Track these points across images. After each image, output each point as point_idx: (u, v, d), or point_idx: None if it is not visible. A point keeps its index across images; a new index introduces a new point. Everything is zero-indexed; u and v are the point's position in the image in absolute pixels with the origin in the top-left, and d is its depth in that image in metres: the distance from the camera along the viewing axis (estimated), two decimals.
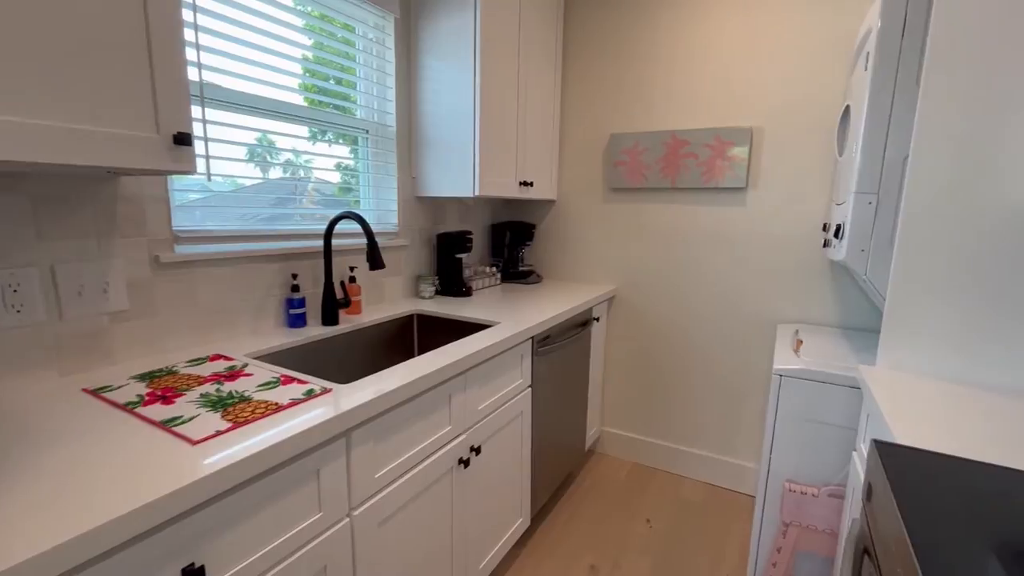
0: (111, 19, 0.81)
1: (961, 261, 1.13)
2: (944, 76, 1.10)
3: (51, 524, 0.59)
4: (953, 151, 1.11)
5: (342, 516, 0.98)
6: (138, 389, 0.99)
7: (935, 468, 0.76)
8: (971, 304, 1.14)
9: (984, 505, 0.67)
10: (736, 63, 2.04)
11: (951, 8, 1.09)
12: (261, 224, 1.51)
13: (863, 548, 0.80)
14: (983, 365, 1.14)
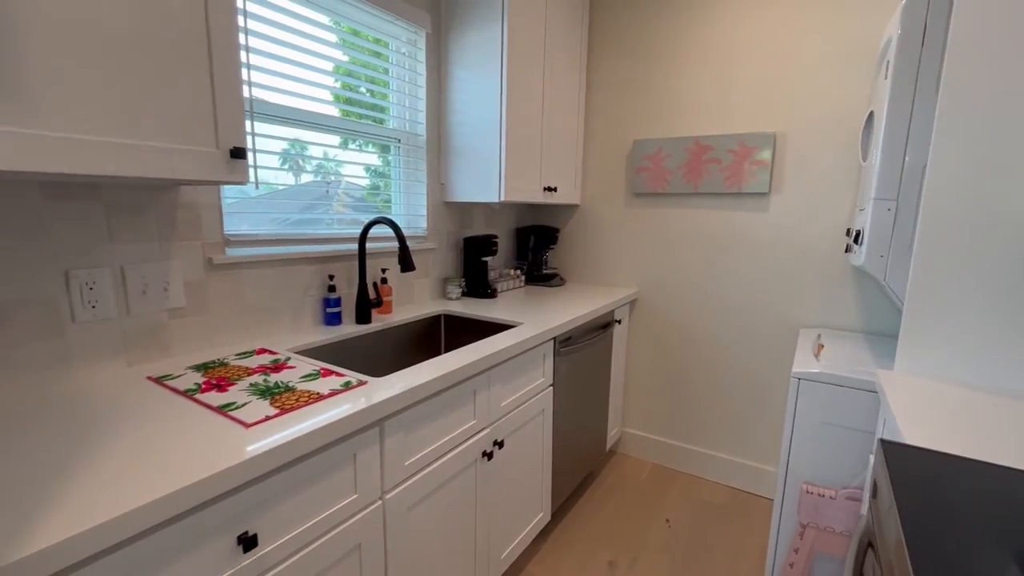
0: (183, 56, 0.92)
1: (979, 268, 1.15)
2: (963, 84, 1.12)
3: (134, 489, 0.69)
4: (972, 159, 1.13)
5: (375, 499, 1.07)
6: (195, 378, 1.10)
7: (939, 467, 0.79)
8: (989, 310, 1.15)
9: (985, 503, 0.70)
10: (760, 69, 2.06)
11: (970, 17, 1.10)
12: (300, 228, 1.61)
13: (867, 542, 0.84)
14: (1002, 371, 1.15)
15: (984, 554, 0.59)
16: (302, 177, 1.64)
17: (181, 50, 0.92)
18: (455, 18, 1.95)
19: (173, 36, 0.91)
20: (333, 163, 1.71)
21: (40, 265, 1.02)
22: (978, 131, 1.12)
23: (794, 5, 1.96)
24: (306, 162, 1.64)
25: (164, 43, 0.89)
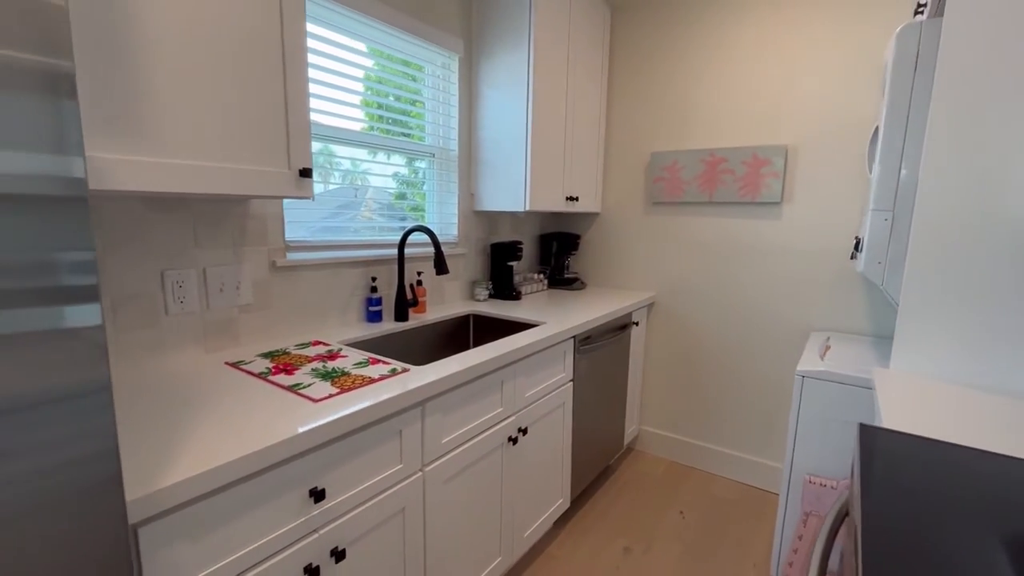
0: (267, 99, 1.11)
1: (967, 274, 1.25)
2: (950, 104, 1.23)
3: (234, 445, 0.86)
4: (958, 173, 1.24)
5: (416, 470, 1.23)
6: (265, 364, 1.29)
7: (909, 447, 0.91)
8: (977, 313, 1.25)
9: (946, 477, 0.82)
10: (773, 84, 2.18)
11: (957, 44, 1.22)
12: (342, 236, 1.80)
13: (844, 512, 0.96)
14: (988, 369, 1.25)
15: (935, 523, 0.72)
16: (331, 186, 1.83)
17: (265, 95, 1.11)
18: (485, 43, 2.12)
19: (260, 84, 1.10)
20: (364, 174, 1.90)
21: (142, 265, 1.22)
22: (964, 147, 1.23)
23: (804, 24, 2.08)
24: (357, 176, 1.83)
25: (252, 90, 1.09)
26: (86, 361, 0.58)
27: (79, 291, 0.57)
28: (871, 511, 0.72)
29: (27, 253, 0.53)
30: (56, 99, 0.54)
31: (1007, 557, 0.61)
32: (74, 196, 0.55)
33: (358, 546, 1.10)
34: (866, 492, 0.77)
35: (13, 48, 0.51)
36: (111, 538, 0.64)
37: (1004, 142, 1.18)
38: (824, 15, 2.03)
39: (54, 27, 0.53)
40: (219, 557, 0.84)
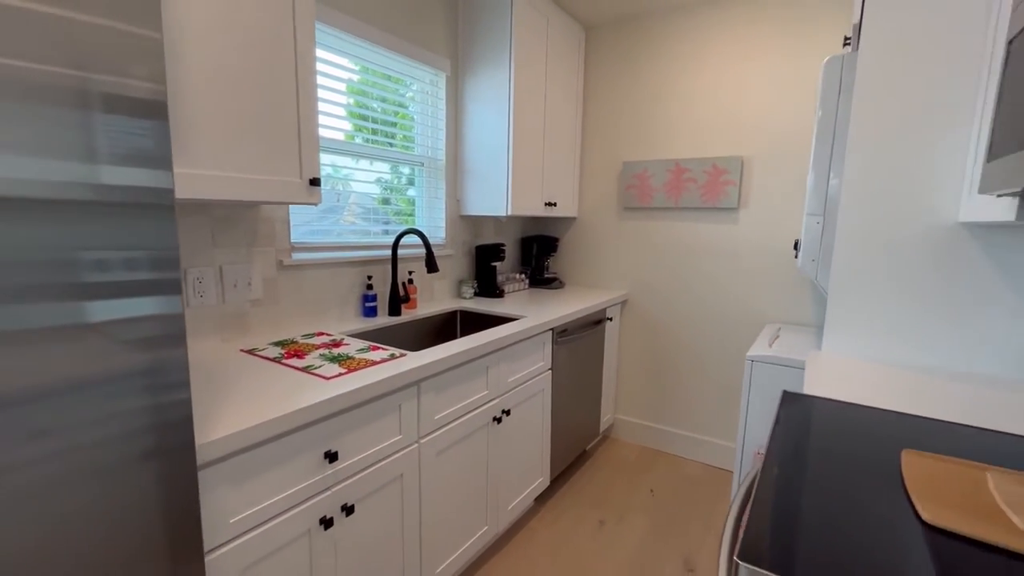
0: (283, 118, 1.29)
1: (883, 268, 1.48)
2: (864, 126, 1.46)
3: (262, 412, 1.03)
4: (874, 182, 1.47)
5: (413, 441, 1.41)
6: (277, 351, 1.45)
7: (818, 407, 1.13)
8: (892, 302, 1.48)
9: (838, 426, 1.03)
10: (730, 101, 2.42)
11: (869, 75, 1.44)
12: (345, 237, 1.97)
13: None
14: (900, 349, 1.48)
15: (818, 461, 0.93)
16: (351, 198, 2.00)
17: (281, 118, 1.29)
18: (470, 62, 2.32)
19: (277, 109, 1.27)
20: (347, 179, 2.07)
21: None
22: (877, 160, 1.46)
23: (757, 49, 2.32)
24: (339, 181, 2.00)
25: (271, 114, 1.26)
26: (173, 341, 0.76)
27: (168, 284, 0.74)
28: (775, 449, 0.93)
29: (133, 251, 0.70)
30: (155, 120, 0.71)
31: (881, 483, 0.83)
32: (165, 204, 0.72)
33: (364, 504, 1.27)
34: (773, 437, 0.98)
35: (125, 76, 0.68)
36: (187, 478, 0.81)
37: (910, 156, 1.41)
38: (774, 43, 2.28)
39: (153, 58, 0.70)
40: (254, 503, 1.01)
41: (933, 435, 0.97)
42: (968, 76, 1.31)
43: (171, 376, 0.77)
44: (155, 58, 0.70)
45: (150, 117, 0.70)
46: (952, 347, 1.40)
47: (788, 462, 0.87)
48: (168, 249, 0.74)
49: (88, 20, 0.64)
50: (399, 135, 2.18)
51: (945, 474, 0.80)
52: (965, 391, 1.24)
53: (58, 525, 0.67)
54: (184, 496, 0.81)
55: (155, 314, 0.74)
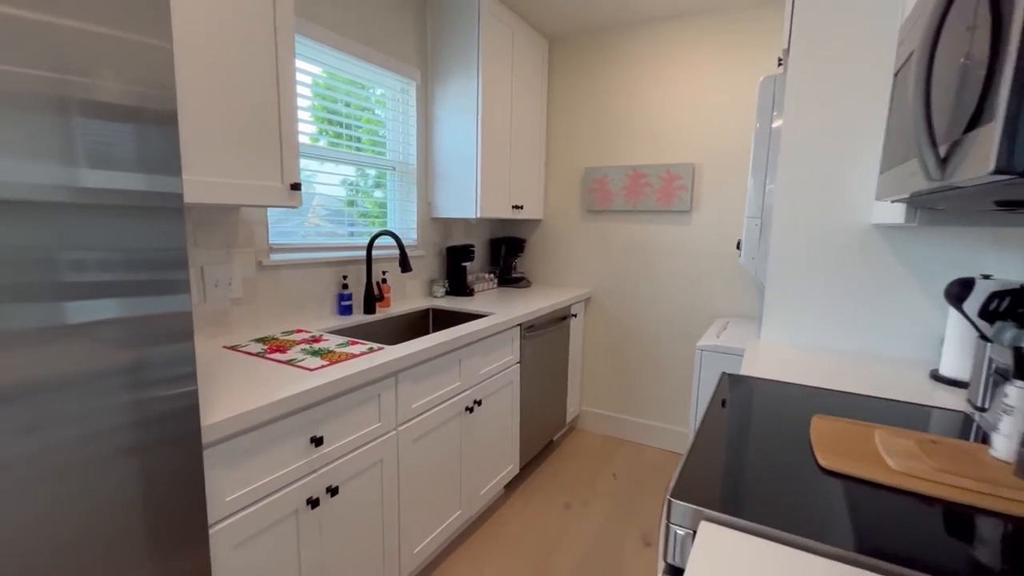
0: (266, 129, 1.37)
1: (812, 264, 1.67)
2: (793, 138, 1.65)
3: (254, 399, 1.12)
4: (802, 188, 1.66)
5: (392, 428, 1.51)
6: (259, 347, 1.53)
7: (750, 383, 1.29)
8: (820, 294, 1.67)
9: (758, 399, 1.20)
10: (682, 114, 2.61)
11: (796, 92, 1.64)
12: (322, 239, 2.05)
13: None
14: (826, 336, 1.68)
15: (749, 423, 1.09)
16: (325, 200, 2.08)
17: (265, 124, 1.37)
18: (439, 72, 2.43)
19: (261, 116, 1.36)
20: (309, 181, 2.15)
21: None
22: (804, 169, 1.65)
23: (705, 67, 2.52)
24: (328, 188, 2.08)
25: (255, 126, 1.35)
26: (183, 335, 0.85)
27: (180, 283, 0.83)
28: (710, 417, 1.08)
29: (144, 253, 0.79)
30: (167, 129, 0.80)
31: (793, 441, 0.99)
32: (175, 208, 0.81)
33: (348, 486, 1.37)
34: (710, 409, 1.14)
35: (143, 85, 0.77)
36: (194, 458, 0.89)
37: (830, 166, 1.61)
38: (720, 60, 2.49)
39: (165, 70, 0.79)
40: (248, 483, 1.09)
41: (839, 403, 1.15)
42: (874, 100, 1.51)
43: (182, 368, 0.86)
44: (167, 70, 0.79)
45: (164, 125, 0.79)
46: (868, 331, 1.61)
47: (721, 427, 1.03)
48: (179, 250, 0.83)
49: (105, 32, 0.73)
50: (365, 139, 2.27)
51: (843, 432, 0.97)
52: (870, 368, 1.44)
53: (81, 504, 0.75)
54: (191, 475, 0.90)
55: (168, 312, 0.83)
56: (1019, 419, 0.81)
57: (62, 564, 0.74)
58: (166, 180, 0.81)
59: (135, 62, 0.76)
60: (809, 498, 0.76)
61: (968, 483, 0.78)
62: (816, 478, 0.82)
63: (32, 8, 0.65)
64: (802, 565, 0.62)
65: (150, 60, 0.77)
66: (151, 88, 0.78)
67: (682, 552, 0.75)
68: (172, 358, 0.84)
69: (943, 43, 0.76)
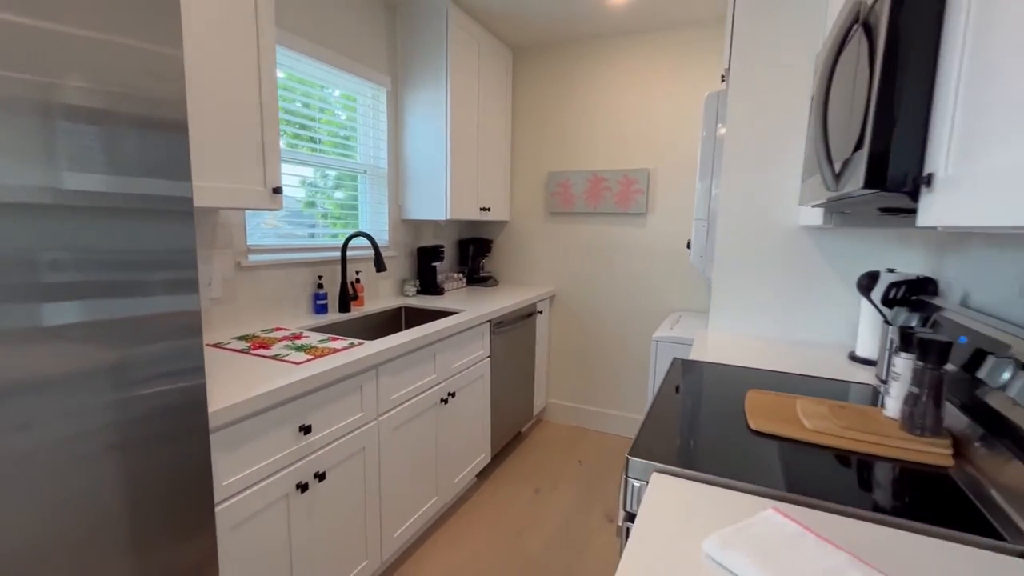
0: (250, 137, 1.44)
1: (753, 262, 1.87)
2: (735, 147, 1.85)
3: (247, 390, 1.20)
4: (742, 193, 1.86)
5: (373, 418, 1.61)
6: (242, 344, 1.59)
7: (697, 367, 1.47)
8: (760, 288, 1.88)
9: (703, 379, 1.37)
10: (638, 122, 2.80)
11: (737, 106, 1.83)
12: (298, 240, 2.11)
13: None
14: (767, 325, 1.88)
15: (695, 399, 1.25)
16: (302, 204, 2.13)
17: (249, 131, 1.44)
18: (409, 80, 2.53)
19: (245, 123, 1.43)
20: (318, 193, 2.22)
21: None
22: (744, 176, 1.85)
23: (658, 79, 2.72)
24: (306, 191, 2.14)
25: (241, 128, 1.42)
26: (192, 331, 0.93)
27: (191, 282, 0.92)
28: (662, 394, 1.24)
29: (159, 254, 0.87)
30: (179, 137, 0.88)
31: (730, 410, 1.16)
32: (187, 211, 0.90)
33: (334, 472, 1.46)
34: (662, 387, 1.30)
35: (160, 95, 0.85)
36: (203, 440, 0.97)
37: (765, 174, 1.81)
38: (672, 73, 2.69)
39: (177, 80, 0.87)
40: (243, 468, 1.17)
41: (770, 380, 1.34)
42: (802, 117, 1.72)
43: (193, 361, 0.94)
44: (178, 81, 0.87)
45: (176, 132, 0.88)
46: (799, 319, 1.82)
47: (670, 401, 1.19)
48: (190, 251, 0.91)
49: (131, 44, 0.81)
50: (325, 139, 2.34)
51: (771, 402, 1.15)
52: (799, 351, 1.65)
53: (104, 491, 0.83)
54: (200, 460, 0.98)
55: (182, 309, 0.91)
56: (903, 384, 1.01)
57: (82, 550, 0.82)
58: (179, 185, 0.89)
59: (152, 72, 0.84)
60: (740, 452, 0.92)
61: (865, 436, 0.96)
62: (746, 437, 0.99)
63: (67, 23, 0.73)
64: (732, 498, 0.78)
65: (164, 69, 0.85)
66: (167, 97, 0.86)
67: (638, 500, 0.89)
68: (184, 352, 0.92)
69: (837, 80, 0.94)
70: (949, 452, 0.89)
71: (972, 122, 0.56)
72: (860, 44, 0.82)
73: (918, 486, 0.81)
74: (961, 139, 0.58)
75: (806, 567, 0.59)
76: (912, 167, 0.67)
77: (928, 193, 0.65)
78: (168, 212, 0.88)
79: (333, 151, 2.29)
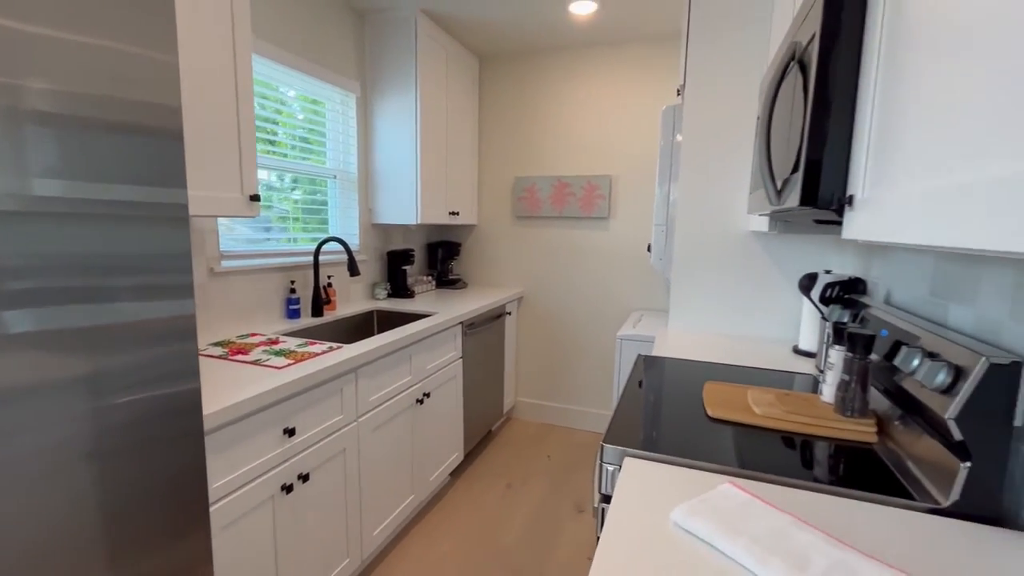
0: (229, 146, 1.46)
1: (708, 264, 2.02)
2: (691, 159, 1.99)
3: (235, 395, 1.23)
4: (698, 199, 2.01)
5: (353, 420, 1.65)
6: (220, 350, 1.60)
7: (660, 362, 1.59)
8: (712, 288, 2.03)
9: (666, 373, 1.49)
10: (599, 130, 2.94)
11: (691, 119, 1.98)
12: (269, 246, 2.11)
13: None
14: (721, 322, 2.03)
15: (650, 395, 1.37)
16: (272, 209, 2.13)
17: (226, 140, 1.46)
18: (379, 87, 2.56)
19: (223, 132, 1.45)
20: (286, 199, 2.22)
21: None
22: (699, 183, 2.00)
23: (619, 90, 2.87)
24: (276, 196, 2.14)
25: (219, 137, 1.43)
26: (187, 334, 0.96)
27: (186, 287, 0.95)
28: (629, 387, 1.35)
29: (158, 260, 0.90)
30: (174, 146, 0.91)
31: (690, 400, 1.28)
32: (183, 217, 0.93)
33: (317, 473, 1.49)
34: (629, 382, 1.41)
35: (158, 103, 0.88)
36: (198, 442, 1.00)
37: (717, 184, 1.97)
38: (632, 84, 2.84)
39: (173, 89, 0.90)
40: (232, 471, 1.20)
41: (725, 373, 1.48)
42: (751, 132, 1.88)
43: (189, 364, 0.97)
44: (175, 88, 0.91)
45: (174, 140, 0.91)
46: (750, 317, 1.99)
47: (638, 394, 1.30)
48: (186, 256, 0.94)
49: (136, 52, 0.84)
50: (281, 140, 2.35)
51: (725, 392, 1.28)
52: (749, 345, 1.81)
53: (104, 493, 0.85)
54: (196, 462, 1.01)
55: (180, 314, 0.94)
56: (836, 373, 1.15)
57: (80, 554, 0.84)
58: (176, 192, 0.92)
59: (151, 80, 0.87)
60: (700, 436, 1.04)
61: (806, 419, 1.10)
62: (705, 424, 1.11)
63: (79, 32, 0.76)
64: (695, 476, 0.89)
65: (161, 77, 0.88)
66: (164, 106, 0.89)
67: (612, 483, 0.99)
68: (181, 356, 0.96)
69: (779, 106, 1.07)
70: (873, 430, 1.03)
71: (882, 156, 0.69)
72: (796, 78, 0.95)
73: (848, 460, 0.95)
74: (874, 169, 0.71)
75: (757, 528, 0.70)
76: (838, 189, 0.80)
77: (850, 211, 0.77)
78: (168, 219, 0.91)
79: (293, 153, 2.30)
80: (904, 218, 0.60)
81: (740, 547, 0.66)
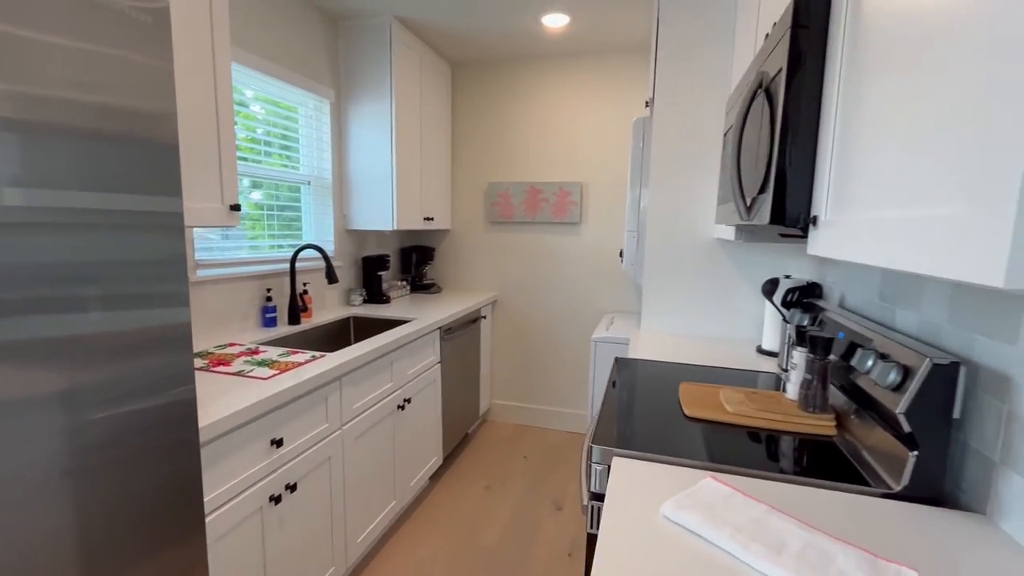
0: (209, 157, 1.45)
1: (677, 268, 2.13)
2: (660, 167, 2.09)
3: (224, 408, 1.23)
4: (666, 207, 2.11)
5: (337, 428, 1.66)
6: (200, 362, 1.58)
7: (634, 363, 1.67)
8: (681, 292, 2.14)
9: (643, 375, 1.58)
10: (571, 138, 3.02)
11: (661, 131, 2.08)
12: (245, 253, 2.08)
13: None
14: (689, 324, 2.14)
15: (623, 392, 1.45)
16: None
17: (207, 149, 1.45)
18: (353, 93, 2.56)
19: (204, 141, 1.43)
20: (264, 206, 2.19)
21: None
22: (666, 196, 2.10)
23: (590, 99, 2.96)
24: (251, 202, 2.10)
25: (200, 146, 1.42)
26: (183, 343, 0.96)
27: (182, 296, 0.95)
28: (610, 390, 1.43)
29: (156, 268, 0.91)
30: (171, 157, 0.92)
31: (667, 400, 1.36)
32: (177, 226, 0.93)
33: (304, 483, 1.50)
34: (608, 385, 1.49)
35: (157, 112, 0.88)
36: (194, 451, 1.00)
37: (686, 193, 2.07)
38: (602, 94, 2.93)
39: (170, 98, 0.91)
40: (221, 484, 1.20)
41: (697, 373, 1.57)
42: (717, 145, 2.00)
43: (185, 372, 0.97)
44: (170, 96, 0.91)
45: (171, 150, 0.91)
46: (717, 319, 2.10)
47: (619, 395, 1.37)
48: (182, 264, 0.95)
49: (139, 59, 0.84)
50: (242, 144, 2.32)
51: (700, 392, 1.37)
52: (717, 346, 1.92)
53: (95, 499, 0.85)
54: (192, 471, 1.01)
55: (176, 322, 0.94)
56: (800, 373, 1.26)
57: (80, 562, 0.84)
58: (173, 201, 0.92)
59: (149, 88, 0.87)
60: (680, 435, 1.12)
61: (773, 416, 1.19)
62: (683, 423, 1.19)
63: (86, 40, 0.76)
64: (678, 472, 0.96)
65: (159, 86, 0.89)
66: (161, 114, 0.90)
67: (600, 482, 1.06)
68: (177, 365, 0.96)
69: (748, 129, 1.16)
70: (833, 424, 1.14)
71: (841, 184, 0.78)
72: (764, 106, 1.04)
73: (812, 452, 1.04)
74: (835, 194, 0.80)
75: (738, 518, 0.78)
76: (803, 210, 0.89)
77: (814, 230, 0.86)
78: (167, 228, 0.91)
79: (269, 160, 2.28)
80: (859, 240, 0.68)
81: (725, 536, 0.73)
